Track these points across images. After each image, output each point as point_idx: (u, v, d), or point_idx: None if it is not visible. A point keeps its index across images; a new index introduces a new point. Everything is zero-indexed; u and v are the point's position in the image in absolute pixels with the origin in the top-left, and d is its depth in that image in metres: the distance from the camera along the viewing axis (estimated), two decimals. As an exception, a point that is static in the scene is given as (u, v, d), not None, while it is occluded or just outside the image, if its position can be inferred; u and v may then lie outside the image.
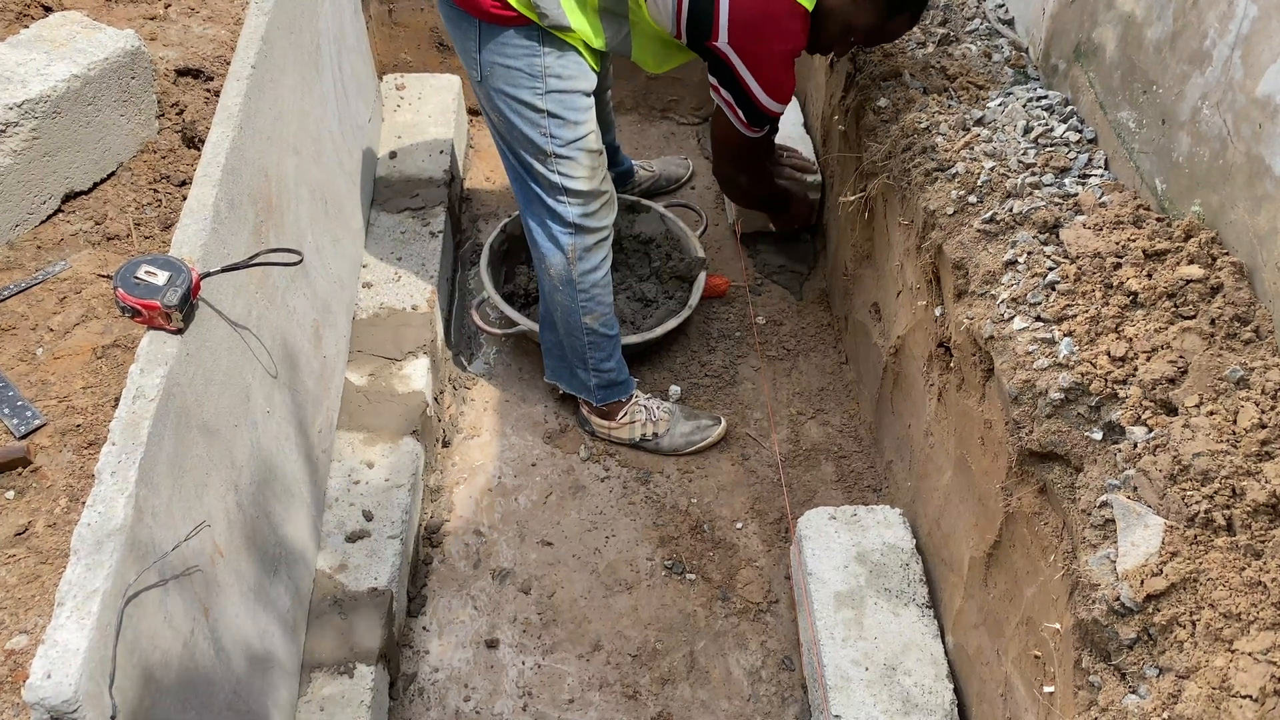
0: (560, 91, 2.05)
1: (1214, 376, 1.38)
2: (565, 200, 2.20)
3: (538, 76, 2.03)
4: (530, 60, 2.01)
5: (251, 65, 1.87)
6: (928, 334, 2.05)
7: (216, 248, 1.59)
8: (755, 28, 2.00)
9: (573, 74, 2.05)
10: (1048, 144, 1.93)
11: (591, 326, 2.38)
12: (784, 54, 2.06)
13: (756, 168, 2.54)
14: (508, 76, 2.04)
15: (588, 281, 2.31)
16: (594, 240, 2.28)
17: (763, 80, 2.07)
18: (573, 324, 2.38)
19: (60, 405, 1.47)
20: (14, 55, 1.75)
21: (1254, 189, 1.45)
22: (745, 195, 2.71)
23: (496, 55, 2.03)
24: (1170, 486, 1.31)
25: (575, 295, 2.33)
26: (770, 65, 2.06)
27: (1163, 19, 1.67)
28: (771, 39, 2.02)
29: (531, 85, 2.04)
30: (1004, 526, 1.69)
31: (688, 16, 2.00)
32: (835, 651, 1.92)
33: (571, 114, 2.09)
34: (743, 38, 2.00)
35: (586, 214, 2.23)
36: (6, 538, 1.32)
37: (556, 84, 2.04)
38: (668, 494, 2.50)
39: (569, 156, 2.13)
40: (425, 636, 2.21)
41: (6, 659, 1.20)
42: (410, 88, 3.21)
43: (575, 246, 2.26)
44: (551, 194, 2.19)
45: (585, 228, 2.24)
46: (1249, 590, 1.22)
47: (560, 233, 2.24)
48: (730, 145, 2.34)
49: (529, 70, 2.02)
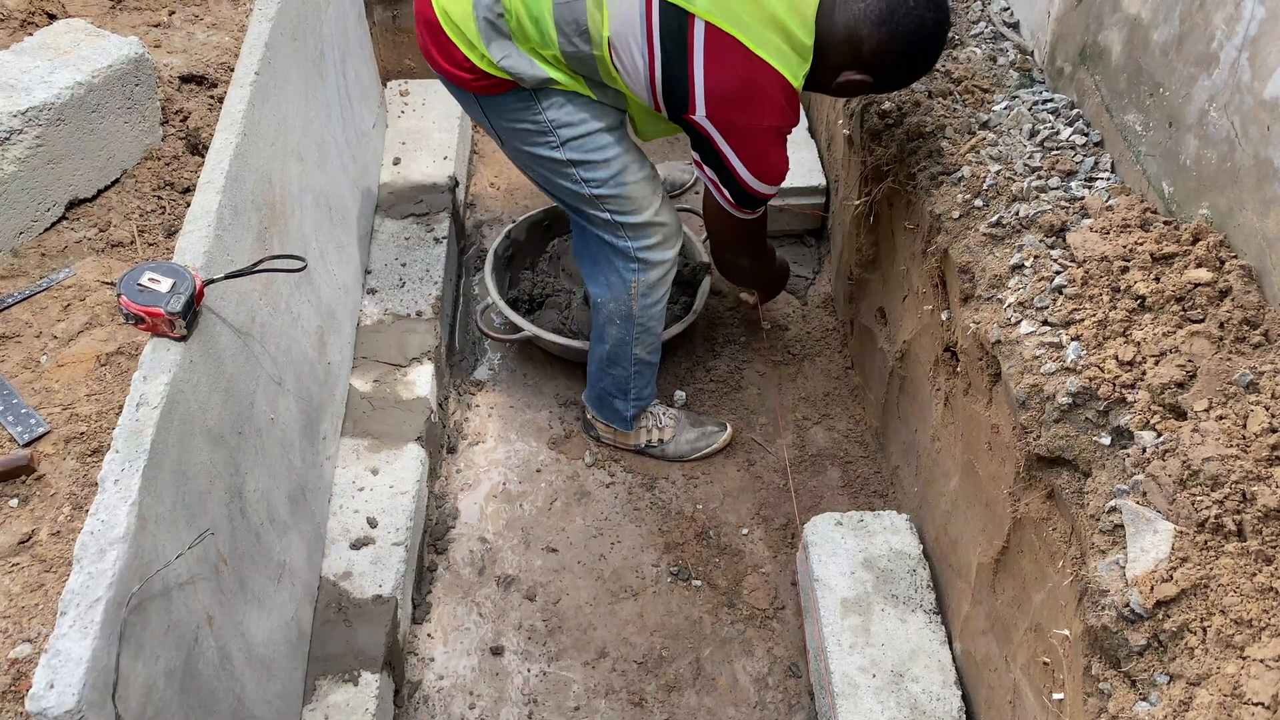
0: (575, 139, 1.99)
1: (1223, 380, 1.37)
2: (625, 236, 2.13)
3: (547, 132, 1.99)
4: (534, 119, 1.98)
5: (255, 72, 1.87)
6: (934, 338, 2.04)
7: (220, 255, 1.59)
8: (735, 101, 1.81)
9: (581, 117, 1.97)
10: (1054, 147, 1.92)
11: (640, 356, 2.34)
12: (770, 130, 1.86)
13: (757, 248, 2.32)
14: (521, 138, 2.02)
15: (646, 315, 2.25)
16: (659, 275, 2.19)
17: (747, 158, 1.88)
18: (622, 355, 2.33)
19: (64, 413, 1.46)
20: (18, 62, 1.75)
21: (1262, 191, 1.44)
22: (751, 278, 2.54)
23: (503, 121, 2.01)
24: (1180, 491, 1.30)
25: (631, 329, 2.27)
26: (755, 142, 1.87)
27: (1169, 21, 1.66)
28: (755, 113, 1.83)
29: (545, 141, 2.00)
30: (1012, 532, 1.68)
31: (662, 88, 1.85)
32: (842, 658, 1.91)
33: (596, 155, 2.02)
34: (722, 111, 1.83)
35: (648, 247, 2.14)
36: (10, 546, 1.31)
37: (568, 133, 1.98)
38: (673, 500, 2.49)
39: (613, 195, 2.07)
40: (430, 644, 2.20)
41: (9, 668, 1.19)
42: (414, 94, 3.21)
43: (639, 283, 2.18)
44: (609, 231, 2.14)
45: (648, 262, 2.16)
46: (1260, 596, 1.21)
47: (625, 269, 2.17)
48: (726, 232, 2.16)
49: (537, 128, 1.99)
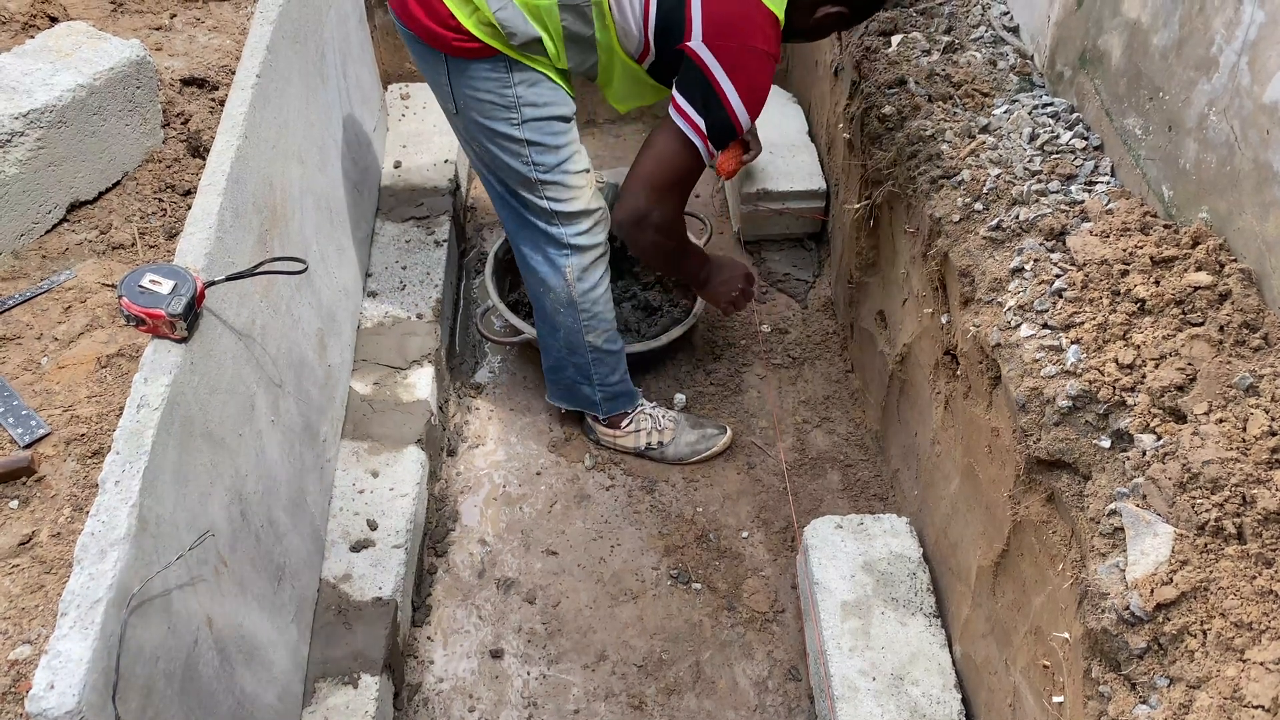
0: (536, 120, 2.04)
1: (1223, 384, 1.38)
2: (558, 224, 2.19)
3: (512, 107, 2.01)
4: (502, 92, 2.00)
5: (256, 75, 1.87)
6: (934, 342, 2.04)
7: (221, 257, 1.59)
8: (732, 25, 1.90)
9: (547, 100, 2.03)
10: (1054, 151, 1.92)
11: (595, 344, 2.37)
12: (762, 55, 1.92)
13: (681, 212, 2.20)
14: (482, 109, 2.03)
15: (588, 300, 2.30)
16: (591, 259, 2.26)
17: (739, 84, 1.93)
18: (576, 344, 2.37)
19: (65, 414, 1.46)
20: (20, 65, 1.75)
21: (1262, 195, 1.44)
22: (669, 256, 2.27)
23: (468, 89, 2.01)
24: (1180, 494, 1.30)
25: (577, 315, 2.32)
26: (749, 64, 1.93)
27: (1169, 26, 1.67)
28: (749, 36, 1.90)
29: (506, 116, 2.02)
30: (1012, 535, 1.68)
31: (655, 21, 1.91)
32: (842, 661, 1.91)
33: (551, 139, 2.07)
34: (718, 36, 1.89)
35: (580, 233, 2.21)
36: (10, 547, 1.31)
37: (531, 112, 2.03)
38: (673, 503, 2.49)
39: (555, 181, 2.12)
40: (430, 646, 2.20)
41: (10, 669, 1.19)
42: (415, 97, 3.22)
43: (574, 267, 2.24)
44: (544, 219, 2.18)
45: (581, 247, 2.23)
46: (1260, 599, 1.21)
47: (557, 255, 2.23)
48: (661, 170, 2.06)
49: (502, 102, 2.01)
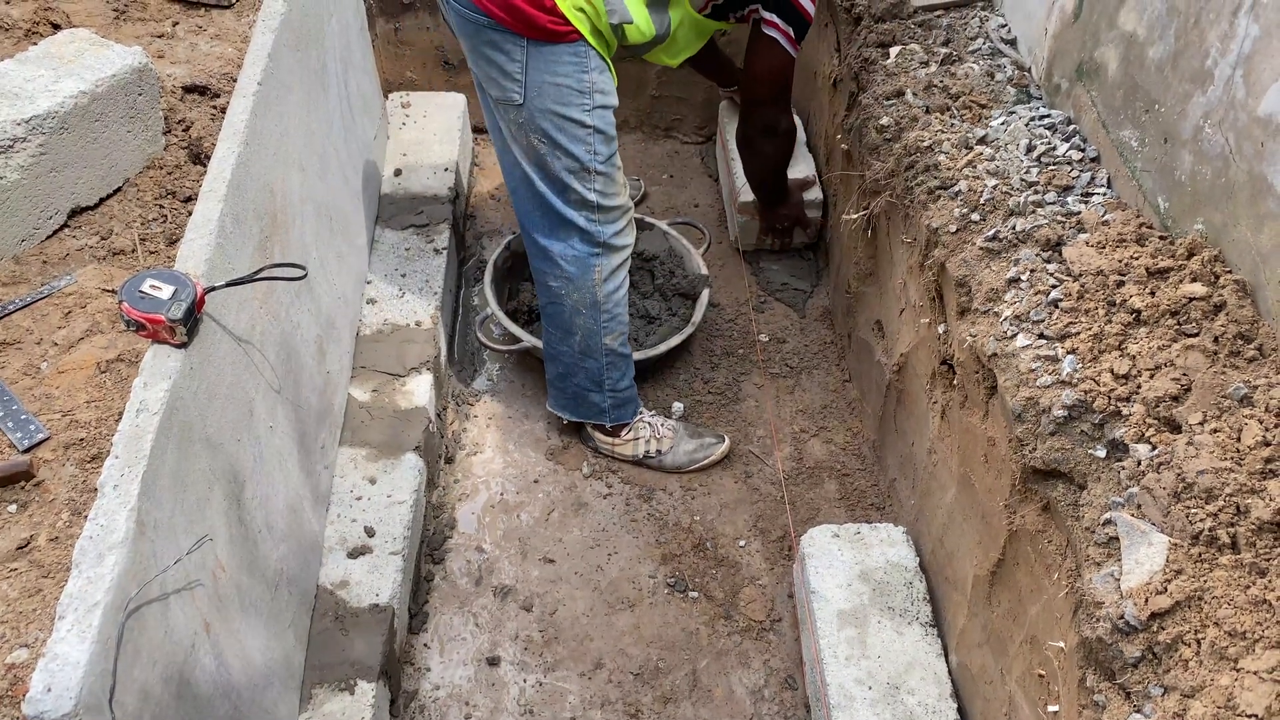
0: (603, 107, 2.11)
1: (1217, 394, 1.38)
2: (598, 219, 2.22)
3: (586, 93, 2.07)
4: (580, 76, 2.05)
5: (258, 82, 1.88)
6: (931, 351, 2.05)
7: (221, 263, 1.59)
8: None
9: (609, 89, 2.12)
10: (1050, 162, 1.93)
11: (611, 347, 2.39)
12: None
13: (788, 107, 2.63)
14: (559, 94, 2.06)
15: (612, 301, 2.33)
16: (619, 260, 2.31)
17: None
18: (593, 347, 2.38)
19: (64, 419, 1.47)
20: (22, 72, 1.76)
21: (1256, 207, 1.45)
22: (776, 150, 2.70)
23: (546, 74, 2.04)
24: (1174, 504, 1.31)
25: (599, 317, 2.33)
26: None
27: (1164, 39, 1.68)
28: None
29: (580, 102, 2.07)
30: (1008, 545, 1.68)
31: None
32: (838, 670, 1.91)
33: (609, 129, 2.16)
34: None
35: (617, 232, 2.27)
36: (8, 551, 1.32)
37: (600, 99, 2.10)
38: (670, 511, 2.49)
39: (606, 173, 2.17)
40: (426, 653, 2.20)
41: (7, 673, 1.20)
42: (416, 105, 3.23)
43: (604, 267, 2.28)
44: (585, 212, 2.21)
45: (613, 246, 2.28)
46: (1254, 608, 1.21)
47: (588, 255, 2.26)
48: (779, 77, 2.46)
49: (579, 87, 2.06)
